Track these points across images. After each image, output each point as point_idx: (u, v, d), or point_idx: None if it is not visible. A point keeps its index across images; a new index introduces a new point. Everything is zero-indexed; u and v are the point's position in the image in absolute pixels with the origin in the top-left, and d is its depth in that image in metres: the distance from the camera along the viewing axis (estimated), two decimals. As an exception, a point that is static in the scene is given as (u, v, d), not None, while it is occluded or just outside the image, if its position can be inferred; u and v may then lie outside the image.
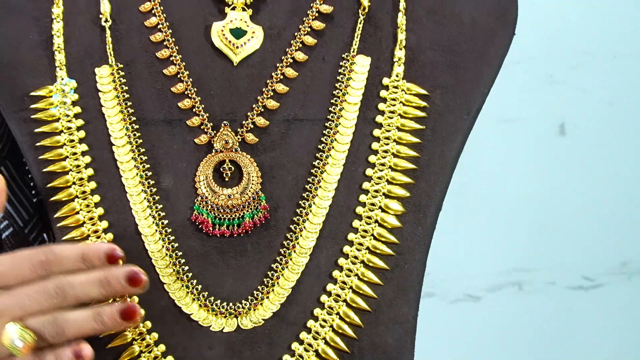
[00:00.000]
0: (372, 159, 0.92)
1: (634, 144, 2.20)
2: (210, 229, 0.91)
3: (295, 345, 0.92)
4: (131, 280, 0.85)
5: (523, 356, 2.39)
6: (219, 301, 0.91)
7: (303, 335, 0.92)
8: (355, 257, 0.92)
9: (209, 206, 0.90)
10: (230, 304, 0.91)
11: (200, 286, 0.91)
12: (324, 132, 0.93)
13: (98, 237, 0.91)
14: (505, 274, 2.37)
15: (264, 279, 0.91)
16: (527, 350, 2.40)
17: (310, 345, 0.92)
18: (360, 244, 0.92)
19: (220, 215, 0.90)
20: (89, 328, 0.86)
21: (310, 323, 0.92)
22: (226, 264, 0.92)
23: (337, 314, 0.92)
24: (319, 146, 0.92)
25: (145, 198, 0.92)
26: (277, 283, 0.91)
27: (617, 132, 2.19)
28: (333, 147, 0.92)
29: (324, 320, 0.92)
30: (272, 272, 0.91)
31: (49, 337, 0.85)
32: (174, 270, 0.91)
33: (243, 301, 0.90)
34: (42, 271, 0.85)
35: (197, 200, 0.90)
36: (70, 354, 0.87)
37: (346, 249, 0.92)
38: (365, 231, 0.92)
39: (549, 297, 2.37)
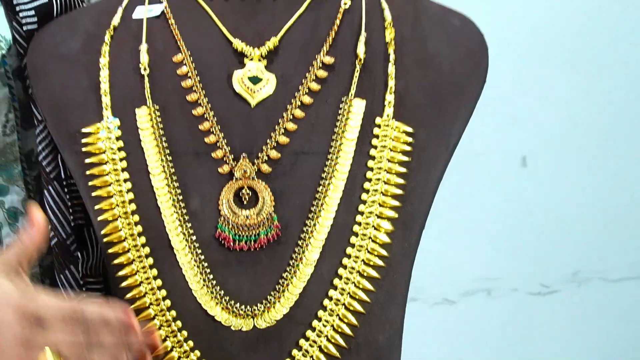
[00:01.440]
0: (366, 185, 0.91)
1: (581, 174, 2.23)
2: (231, 244, 0.90)
3: (302, 342, 0.92)
4: (151, 346, 0.87)
5: (491, 351, 2.39)
6: (238, 304, 0.90)
7: (308, 333, 0.92)
8: (352, 268, 0.91)
9: (230, 225, 0.90)
10: (248, 307, 0.90)
11: (222, 292, 0.91)
12: (326, 163, 0.92)
13: (137, 251, 0.91)
14: (477, 282, 2.37)
15: (276, 286, 0.91)
16: (495, 347, 2.39)
17: (314, 341, 0.91)
18: (357, 257, 0.91)
19: (240, 232, 0.90)
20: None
21: (315, 323, 0.92)
22: (244, 273, 0.91)
23: (337, 315, 0.91)
24: (322, 175, 0.91)
25: (177, 218, 0.91)
26: (287, 289, 0.90)
27: (568, 164, 2.21)
28: (334, 176, 0.91)
29: (326, 321, 0.92)
30: (282, 280, 0.91)
31: None
32: (200, 278, 0.91)
33: (258, 304, 0.90)
34: (72, 323, 0.86)
35: (221, 220, 0.89)
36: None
37: (345, 260, 0.91)
38: (361, 246, 0.91)
39: (513, 301, 2.38)
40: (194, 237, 0.91)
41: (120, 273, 0.91)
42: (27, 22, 1.04)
